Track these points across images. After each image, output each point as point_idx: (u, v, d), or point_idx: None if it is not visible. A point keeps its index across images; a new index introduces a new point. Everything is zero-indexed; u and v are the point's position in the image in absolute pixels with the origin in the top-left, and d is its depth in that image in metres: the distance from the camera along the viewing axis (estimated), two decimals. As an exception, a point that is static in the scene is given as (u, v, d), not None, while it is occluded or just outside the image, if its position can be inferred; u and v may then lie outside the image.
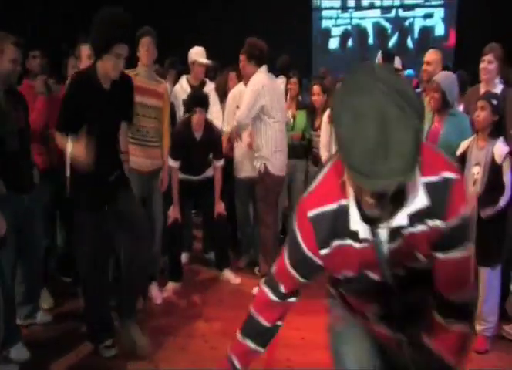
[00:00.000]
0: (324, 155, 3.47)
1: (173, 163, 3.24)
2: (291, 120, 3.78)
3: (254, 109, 3.17)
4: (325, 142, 3.46)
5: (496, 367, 2.53)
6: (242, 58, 3.25)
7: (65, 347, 2.63)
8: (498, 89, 3.00)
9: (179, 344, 2.67)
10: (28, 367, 2.44)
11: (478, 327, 2.69)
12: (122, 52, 2.28)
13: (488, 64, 3.00)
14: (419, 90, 3.66)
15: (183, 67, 4.03)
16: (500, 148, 2.54)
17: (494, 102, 2.58)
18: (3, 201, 2.34)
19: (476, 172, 2.61)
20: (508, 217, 2.62)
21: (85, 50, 2.88)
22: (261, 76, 3.22)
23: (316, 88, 3.69)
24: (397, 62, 3.97)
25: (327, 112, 3.44)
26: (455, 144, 2.95)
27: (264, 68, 3.26)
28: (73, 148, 2.29)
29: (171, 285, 3.34)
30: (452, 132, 2.97)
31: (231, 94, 3.62)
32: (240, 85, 3.55)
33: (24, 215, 2.52)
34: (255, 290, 3.40)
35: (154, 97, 3.02)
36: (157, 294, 3.20)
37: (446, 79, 2.98)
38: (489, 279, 2.61)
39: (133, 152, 2.93)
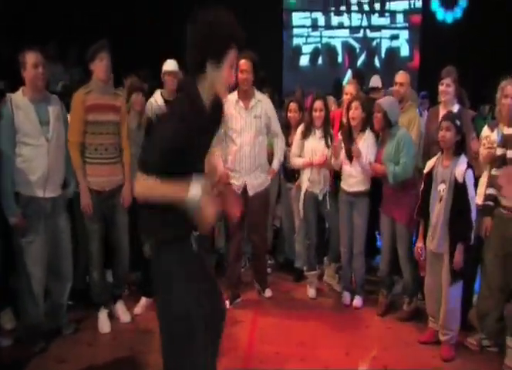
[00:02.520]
0: (295, 159, 3.54)
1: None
2: None
3: None
4: (296, 150, 3.55)
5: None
6: (248, 65, 3.22)
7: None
8: (455, 108, 3.22)
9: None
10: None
11: (442, 338, 2.82)
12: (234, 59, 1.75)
13: (446, 87, 3.22)
14: None
15: (157, 82, 4.03)
16: (459, 168, 2.69)
17: (458, 122, 2.75)
18: None
19: (442, 189, 2.76)
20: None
21: (30, 57, 2.65)
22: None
23: (293, 105, 3.79)
24: (376, 81, 4.14)
25: (300, 128, 3.56)
26: (394, 159, 3.12)
27: None
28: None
29: (144, 300, 3.29)
30: (392, 148, 3.14)
31: None
32: None
33: None
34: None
35: (111, 112, 2.94)
36: (124, 313, 3.16)
37: (386, 100, 3.25)
38: (452, 290, 2.75)
39: (92, 172, 2.88)
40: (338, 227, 3.48)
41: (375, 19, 8.51)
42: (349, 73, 4.32)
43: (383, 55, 8.57)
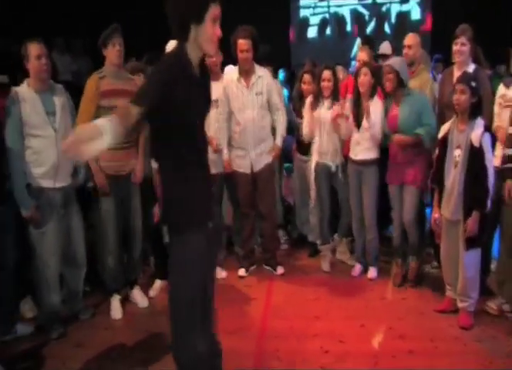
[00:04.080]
0: (306, 131, 3.47)
1: (155, 165, 3.20)
2: None
3: None
4: (306, 123, 3.47)
5: (479, 340, 2.60)
6: (248, 45, 3.18)
7: (49, 356, 2.59)
8: (471, 68, 3.04)
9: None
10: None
11: (460, 305, 2.76)
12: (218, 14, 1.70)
13: (461, 46, 3.04)
14: None
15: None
16: (476, 132, 2.57)
17: (473, 84, 2.62)
18: None
19: (457, 154, 2.65)
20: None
21: (33, 49, 2.63)
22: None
23: (306, 76, 3.69)
24: (386, 47, 3.98)
25: (309, 98, 3.48)
26: (414, 124, 3.00)
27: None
28: None
29: (159, 283, 3.31)
30: (411, 113, 3.03)
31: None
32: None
33: None
34: (241, 271, 3.50)
35: (125, 96, 2.84)
36: (142, 298, 3.18)
37: (395, 60, 3.15)
38: (469, 257, 2.67)
39: (106, 157, 2.84)
40: (348, 199, 3.42)
41: (384, -17, 8.18)
42: (358, 41, 4.14)
43: (393, 21, 8.26)
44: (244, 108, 3.31)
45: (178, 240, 1.75)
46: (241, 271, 3.54)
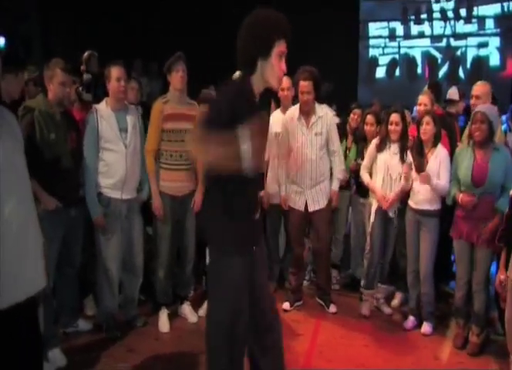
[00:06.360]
0: (364, 175, 3.42)
1: None
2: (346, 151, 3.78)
3: None
4: (367, 164, 3.42)
5: None
6: (309, 87, 3.22)
7: (103, 354, 2.79)
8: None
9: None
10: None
11: None
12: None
13: None
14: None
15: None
16: None
17: None
18: (54, 212, 2.61)
19: None
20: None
21: (115, 71, 2.89)
22: None
23: (370, 118, 3.67)
24: (453, 93, 3.86)
25: (375, 140, 3.43)
26: (500, 181, 2.83)
27: None
28: None
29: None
30: (498, 170, 2.85)
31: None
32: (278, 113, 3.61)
33: (69, 225, 2.75)
34: (285, 305, 3.45)
35: (186, 120, 3.05)
36: (191, 313, 3.26)
37: (489, 109, 2.91)
38: None
39: (165, 177, 3.03)
40: (395, 245, 3.31)
41: (460, 26, 7.97)
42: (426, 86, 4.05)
43: (469, 66, 7.98)
44: (302, 147, 3.33)
45: (218, 263, 1.77)
46: (286, 305, 3.50)
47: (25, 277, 1.55)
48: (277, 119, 3.49)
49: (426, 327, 3.18)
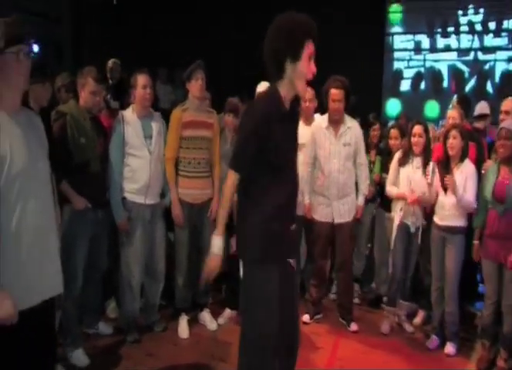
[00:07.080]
0: (391, 189, 3.36)
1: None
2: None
3: None
4: (392, 178, 3.37)
5: None
6: (340, 95, 3.23)
7: (123, 357, 2.82)
8: None
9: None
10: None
11: None
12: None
13: None
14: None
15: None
16: None
17: None
18: (83, 212, 2.70)
19: None
20: None
21: (141, 79, 2.93)
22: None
23: (394, 132, 3.64)
24: (484, 107, 3.79)
25: (398, 154, 3.37)
26: None
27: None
28: None
29: (228, 312, 3.40)
30: None
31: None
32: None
33: (96, 227, 2.81)
34: (305, 317, 3.42)
35: (204, 128, 3.08)
36: (210, 320, 3.27)
37: None
38: None
39: (184, 184, 3.05)
40: (416, 262, 3.24)
41: (489, 40, 7.82)
42: (454, 99, 3.98)
43: (497, 80, 7.82)
44: (329, 157, 3.30)
45: (255, 275, 1.74)
46: (305, 317, 3.46)
47: (43, 282, 1.56)
48: (300, 131, 3.47)
49: (450, 348, 3.08)
